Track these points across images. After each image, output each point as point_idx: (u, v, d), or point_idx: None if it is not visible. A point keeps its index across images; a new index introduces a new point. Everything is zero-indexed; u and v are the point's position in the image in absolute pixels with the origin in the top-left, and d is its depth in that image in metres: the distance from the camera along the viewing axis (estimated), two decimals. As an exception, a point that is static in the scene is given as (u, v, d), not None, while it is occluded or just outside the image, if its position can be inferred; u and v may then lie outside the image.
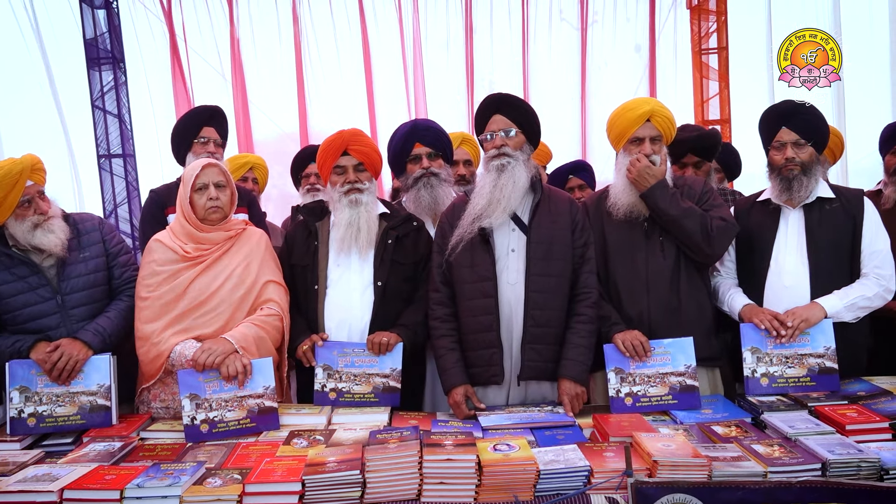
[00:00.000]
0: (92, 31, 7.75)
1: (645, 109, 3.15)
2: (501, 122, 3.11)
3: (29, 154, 3.01)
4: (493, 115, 3.13)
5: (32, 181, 2.97)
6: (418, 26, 7.92)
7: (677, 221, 3.05)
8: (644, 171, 3.06)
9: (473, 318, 3.04)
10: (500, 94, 3.20)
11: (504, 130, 3.10)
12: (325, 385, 3.04)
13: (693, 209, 3.07)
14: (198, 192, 3.09)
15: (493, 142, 3.10)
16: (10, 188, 2.89)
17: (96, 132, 7.88)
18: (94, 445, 2.67)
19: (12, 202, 2.92)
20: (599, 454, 2.38)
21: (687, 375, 2.94)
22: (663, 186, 3.06)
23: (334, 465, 2.30)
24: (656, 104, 3.22)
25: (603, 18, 8.11)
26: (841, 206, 3.19)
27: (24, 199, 2.94)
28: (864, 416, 2.58)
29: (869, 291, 3.09)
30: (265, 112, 8.03)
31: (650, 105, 3.18)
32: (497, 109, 3.14)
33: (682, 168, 3.97)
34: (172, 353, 2.93)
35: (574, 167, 4.69)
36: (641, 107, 3.17)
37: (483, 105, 3.20)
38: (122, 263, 3.18)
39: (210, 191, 3.08)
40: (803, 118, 3.19)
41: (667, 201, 3.05)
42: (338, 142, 3.24)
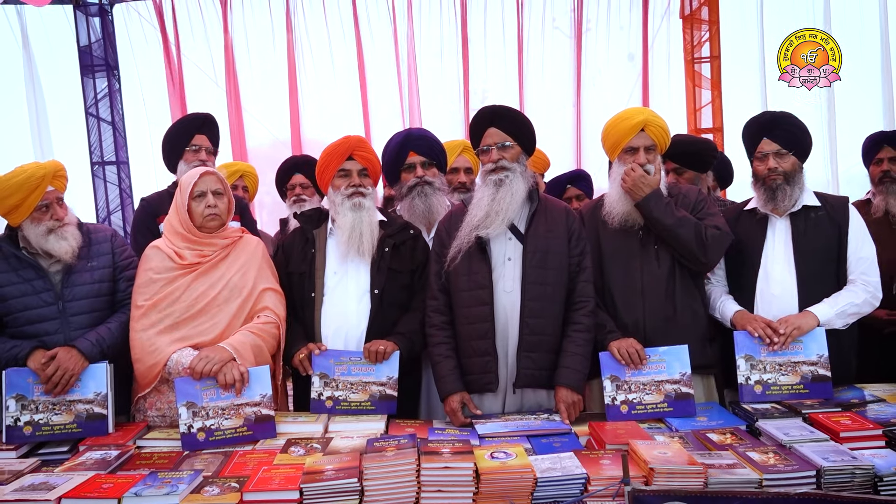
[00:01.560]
0: (86, 38, 7.75)
1: (639, 119, 3.17)
2: (497, 135, 3.13)
3: (53, 160, 3.09)
4: (487, 127, 3.15)
5: (53, 187, 3.03)
6: (412, 35, 7.93)
7: (672, 230, 3.07)
8: (639, 181, 3.08)
9: (470, 326, 3.05)
10: (493, 106, 3.22)
11: (499, 143, 3.11)
12: (321, 393, 3.04)
13: (687, 218, 3.09)
14: (195, 200, 3.09)
15: (490, 155, 3.12)
16: (31, 191, 2.94)
17: (90, 139, 7.88)
18: (90, 454, 2.66)
19: (31, 205, 2.96)
20: (596, 462, 2.39)
21: (682, 383, 2.95)
22: (658, 196, 3.09)
23: (332, 473, 2.30)
24: (650, 114, 3.25)
25: (596, 27, 8.14)
26: (827, 213, 3.22)
27: (42, 203, 2.99)
28: (857, 423, 2.60)
29: (857, 298, 3.12)
30: (259, 119, 8.04)
31: (644, 115, 3.20)
32: (491, 122, 3.16)
33: (679, 175, 4.01)
34: (169, 361, 2.92)
35: (572, 177, 4.69)
36: (636, 116, 3.19)
37: (477, 118, 3.22)
38: (128, 277, 3.18)
39: (208, 198, 3.09)
40: (784, 128, 3.23)
41: (661, 210, 3.07)
42: (344, 146, 3.26)
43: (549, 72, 8.16)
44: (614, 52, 8.20)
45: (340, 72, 8.00)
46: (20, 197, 2.93)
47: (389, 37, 7.94)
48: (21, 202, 2.94)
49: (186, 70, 7.94)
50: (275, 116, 8.05)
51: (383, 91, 7.98)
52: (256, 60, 8.02)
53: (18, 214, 2.97)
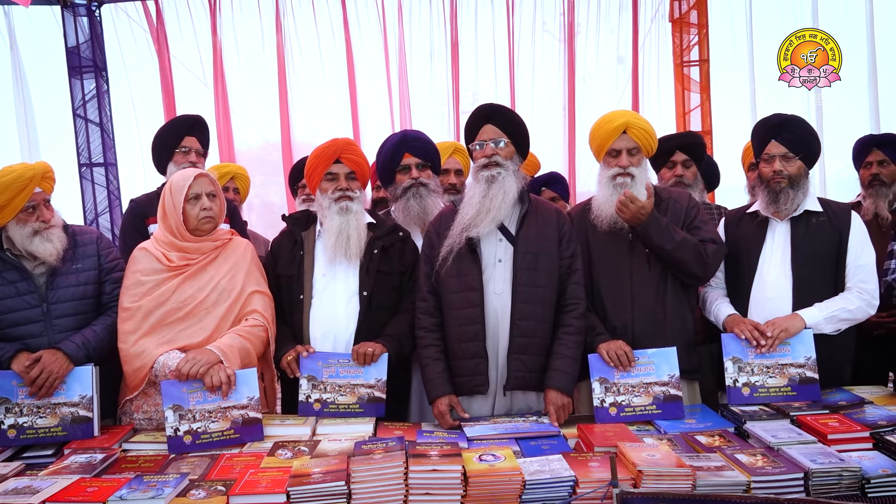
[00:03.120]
0: (74, 39, 7.71)
1: (620, 122, 3.17)
2: (492, 131, 3.13)
3: (41, 161, 3.07)
4: (484, 124, 3.15)
5: (41, 188, 3.02)
6: (403, 37, 7.94)
7: (672, 254, 3.07)
8: (637, 212, 3.03)
9: (459, 328, 3.04)
10: (491, 104, 3.22)
11: (494, 140, 3.11)
12: (309, 396, 3.03)
13: (686, 241, 3.07)
14: (190, 203, 3.08)
15: (484, 151, 3.11)
16: (18, 192, 2.92)
17: (77, 141, 7.84)
18: (75, 457, 2.63)
19: (17, 206, 2.94)
20: (584, 464, 2.39)
21: (671, 385, 2.95)
22: (656, 222, 3.06)
23: (319, 476, 2.29)
24: (632, 116, 3.25)
25: (586, 30, 8.18)
26: (828, 219, 3.21)
27: (29, 204, 2.97)
28: (845, 425, 2.60)
29: (850, 304, 3.11)
30: (248, 121, 8.02)
31: (625, 117, 3.21)
32: (488, 119, 3.15)
33: (672, 168, 4.02)
34: (156, 363, 2.90)
35: (547, 179, 4.68)
36: (617, 119, 3.20)
37: (474, 115, 3.21)
38: (114, 280, 3.15)
39: (203, 201, 3.08)
40: (792, 132, 3.22)
41: (661, 236, 3.05)
42: (331, 149, 3.24)
43: (540, 75, 8.19)
44: (604, 55, 8.25)
45: (330, 74, 8.01)
46: (7, 197, 2.91)
47: (379, 39, 7.95)
48: (7, 202, 2.92)
49: (175, 72, 7.92)
50: (264, 119, 8.05)
51: (373, 93, 7.99)
52: (245, 62, 8.02)
53: (4, 215, 2.95)
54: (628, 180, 3.15)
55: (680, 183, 3.97)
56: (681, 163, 4.03)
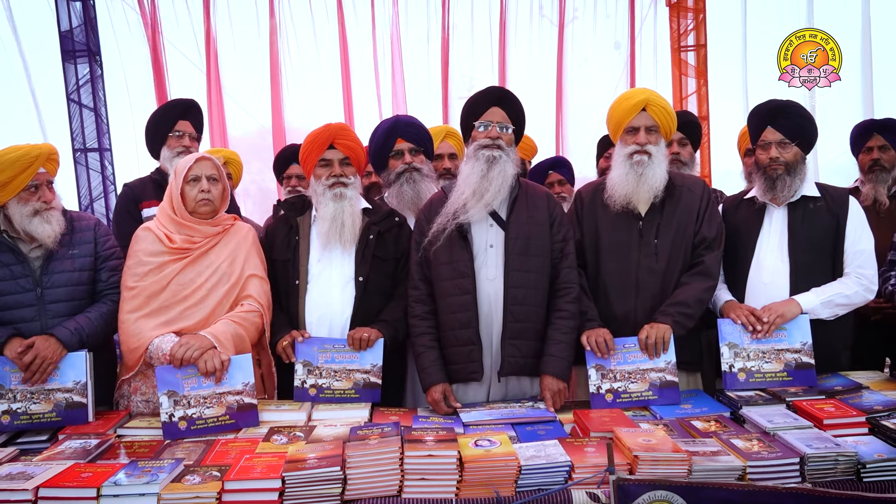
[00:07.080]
0: (67, 23, 7.62)
1: (640, 98, 3.14)
2: (500, 115, 3.10)
3: (47, 143, 3.09)
4: (491, 106, 3.11)
5: (45, 169, 3.02)
6: (397, 21, 7.88)
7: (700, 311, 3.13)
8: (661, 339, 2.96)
9: (452, 315, 3.03)
10: (501, 88, 3.21)
11: (501, 125, 3.08)
12: (304, 381, 3.02)
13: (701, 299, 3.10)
14: (189, 184, 3.07)
15: (489, 132, 3.07)
16: (23, 170, 2.92)
17: (71, 126, 7.76)
18: (69, 443, 2.62)
19: (20, 184, 2.94)
20: (580, 449, 2.39)
21: (667, 371, 2.95)
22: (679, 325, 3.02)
23: (315, 462, 2.28)
24: (652, 94, 3.20)
25: (583, 15, 8.13)
26: (825, 204, 3.20)
27: (32, 183, 2.96)
28: (841, 410, 2.61)
29: (848, 290, 3.11)
30: (242, 105, 7.96)
31: (645, 94, 3.17)
32: (497, 102, 3.12)
33: (682, 147, 4.02)
34: (150, 346, 2.90)
35: (553, 163, 4.70)
36: (637, 96, 3.16)
37: (483, 94, 3.17)
38: (110, 268, 3.14)
39: (202, 183, 3.07)
40: (789, 118, 3.20)
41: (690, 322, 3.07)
42: (324, 135, 3.22)
43: (534, 60, 8.15)
44: (601, 40, 8.20)
45: (324, 58, 7.95)
46: (11, 174, 2.90)
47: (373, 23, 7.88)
48: (11, 179, 2.91)
49: (169, 56, 7.84)
50: (258, 103, 7.98)
51: (366, 78, 7.93)
52: (239, 46, 7.95)
53: (6, 192, 2.93)
54: (645, 158, 3.11)
55: (677, 160, 3.95)
56: (677, 141, 4.00)
